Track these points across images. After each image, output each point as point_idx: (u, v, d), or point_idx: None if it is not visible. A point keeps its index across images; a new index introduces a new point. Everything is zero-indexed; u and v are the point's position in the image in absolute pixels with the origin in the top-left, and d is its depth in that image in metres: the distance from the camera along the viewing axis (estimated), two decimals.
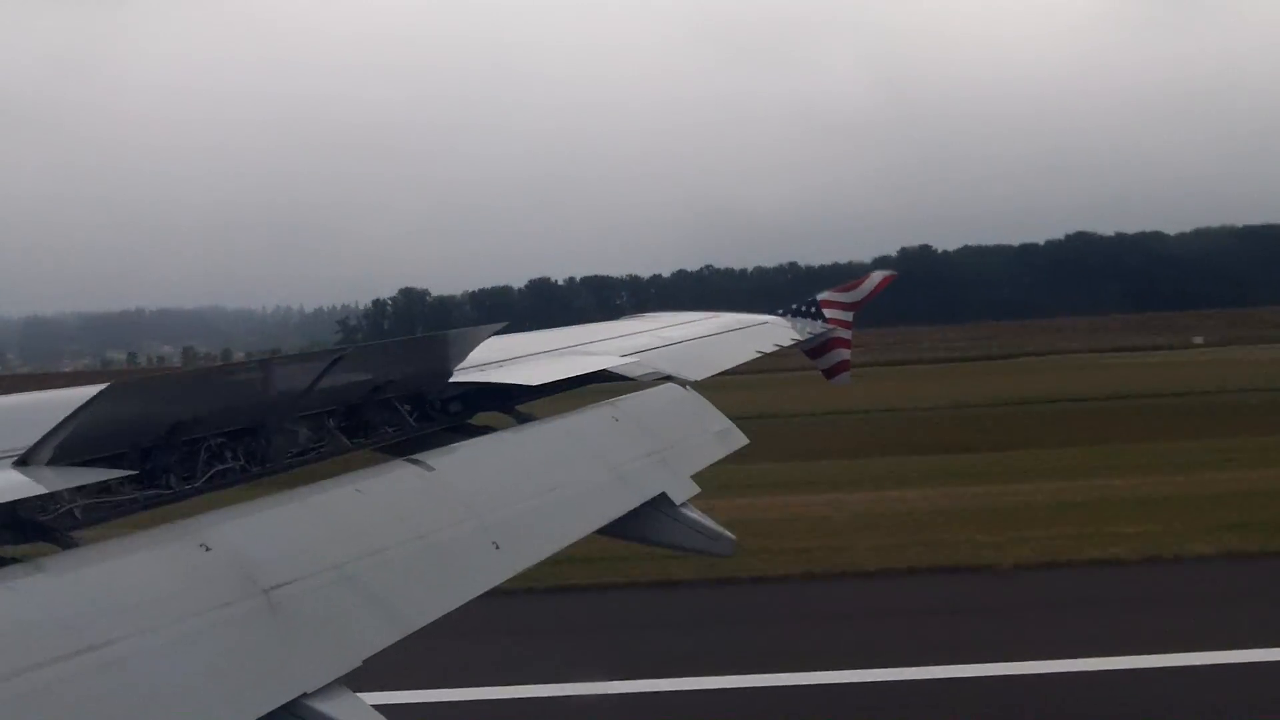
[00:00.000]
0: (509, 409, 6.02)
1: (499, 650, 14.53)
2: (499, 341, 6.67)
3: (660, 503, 5.56)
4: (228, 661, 2.90)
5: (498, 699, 13.36)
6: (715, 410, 6.94)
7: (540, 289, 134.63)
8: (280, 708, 2.87)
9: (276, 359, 4.26)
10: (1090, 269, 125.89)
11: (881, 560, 18.75)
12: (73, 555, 3.06)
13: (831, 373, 12.23)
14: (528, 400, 6.27)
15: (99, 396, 3.19)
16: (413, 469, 4.34)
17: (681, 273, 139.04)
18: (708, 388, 7.23)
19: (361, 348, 4.30)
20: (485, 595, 3.91)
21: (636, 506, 5.34)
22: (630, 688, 13.34)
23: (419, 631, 3.52)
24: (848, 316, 12.18)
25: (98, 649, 2.63)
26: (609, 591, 17.53)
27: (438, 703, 12.92)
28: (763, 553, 18.29)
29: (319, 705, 2.95)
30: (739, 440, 6.88)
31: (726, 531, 5.84)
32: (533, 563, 4.30)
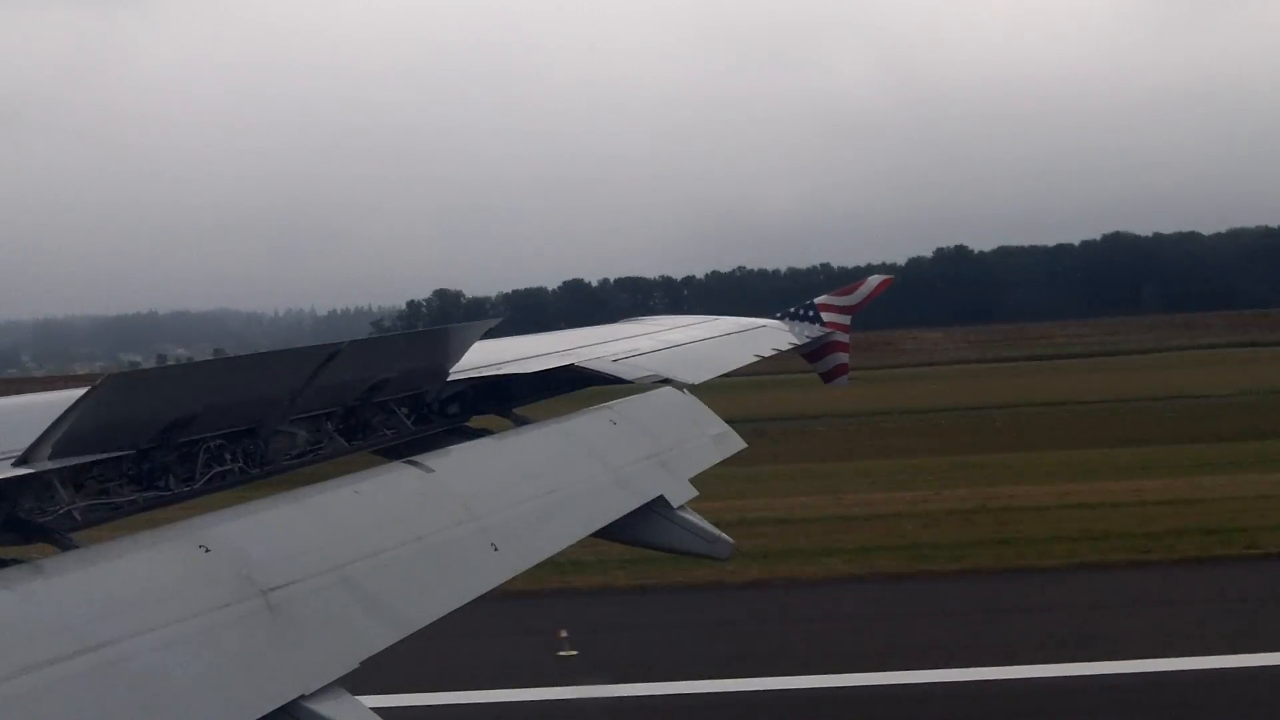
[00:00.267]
0: (507, 411, 6.03)
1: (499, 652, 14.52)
2: (495, 344, 6.68)
3: (658, 505, 5.57)
4: (226, 662, 2.90)
5: (498, 701, 13.34)
6: (713, 414, 6.96)
7: (575, 290, 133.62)
8: (278, 709, 2.87)
9: (274, 352, 4.27)
10: (1128, 269, 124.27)
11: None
12: (73, 556, 3.07)
13: (829, 376, 12.22)
14: (526, 401, 6.29)
15: (98, 387, 3.20)
16: (411, 471, 4.34)
17: (715, 274, 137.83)
18: (706, 390, 7.25)
19: (359, 341, 4.29)
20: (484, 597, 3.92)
21: (635, 509, 5.36)
22: (630, 690, 13.34)
23: (418, 633, 3.53)
24: (845, 320, 12.17)
25: (98, 649, 2.64)
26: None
27: (437, 705, 12.89)
28: None
29: (317, 707, 2.95)
30: (736, 444, 6.89)
31: (724, 535, 5.86)
32: (531, 564, 4.31)
